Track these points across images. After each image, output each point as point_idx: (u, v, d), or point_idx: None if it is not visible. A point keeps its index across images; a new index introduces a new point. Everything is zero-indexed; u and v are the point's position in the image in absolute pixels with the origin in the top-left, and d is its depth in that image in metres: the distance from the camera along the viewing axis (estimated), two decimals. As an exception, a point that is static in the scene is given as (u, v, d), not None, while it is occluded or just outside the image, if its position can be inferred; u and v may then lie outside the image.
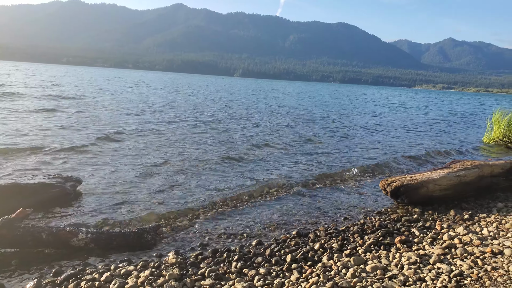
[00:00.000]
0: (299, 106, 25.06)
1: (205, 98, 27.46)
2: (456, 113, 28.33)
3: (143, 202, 5.08)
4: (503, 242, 3.80)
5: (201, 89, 42.21)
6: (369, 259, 3.59)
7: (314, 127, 14.21)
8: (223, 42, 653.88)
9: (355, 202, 5.66)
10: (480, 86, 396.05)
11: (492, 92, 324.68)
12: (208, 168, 7.13)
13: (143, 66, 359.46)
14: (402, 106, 33.08)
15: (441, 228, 4.45)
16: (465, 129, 17.36)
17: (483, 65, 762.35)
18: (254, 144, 9.74)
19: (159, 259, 3.62)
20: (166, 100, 22.68)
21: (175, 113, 16.07)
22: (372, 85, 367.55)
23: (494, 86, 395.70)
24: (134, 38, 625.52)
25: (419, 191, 5.35)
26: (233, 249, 3.86)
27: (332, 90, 77.64)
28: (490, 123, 12.39)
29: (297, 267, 3.43)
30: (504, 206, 5.34)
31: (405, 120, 19.84)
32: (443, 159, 9.13)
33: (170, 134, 10.45)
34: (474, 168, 6.00)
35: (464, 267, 3.28)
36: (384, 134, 13.60)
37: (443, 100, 59.66)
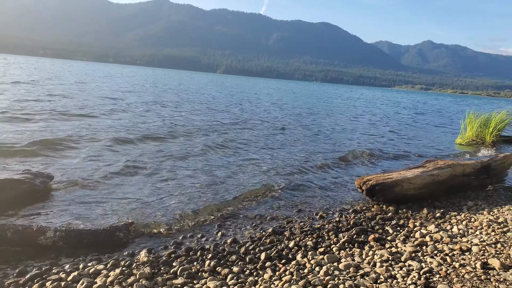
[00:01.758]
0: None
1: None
2: (436, 113, 28.95)
3: (117, 200, 4.98)
4: (472, 240, 3.89)
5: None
6: (342, 257, 3.61)
7: (298, 124, 14.26)
8: (206, 38, 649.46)
9: (332, 200, 5.70)
10: (456, 88, 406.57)
11: (467, 94, 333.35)
12: (185, 165, 7.05)
13: (123, 60, 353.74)
14: (383, 105, 33.58)
15: (414, 226, 4.52)
16: (440, 129, 17.73)
17: (459, 67, 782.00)
18: (227, 141, 9.69)
19: (130, 258, 3.55)
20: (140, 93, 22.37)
21: (155, 108, 15.87)
22: (353, 84, 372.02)
23: (469, 88, 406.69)
24: (115, 32, 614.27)
25: (394, 189, 5.43)
26: (207, 247, 3.82)
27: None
28: (464, 124, 12.69)
29: (271, 265, 3.42)
30: (474, 204, 5.46)
31: (382, 119, 20.14)
32: (418, 158, 9.29)
33: (149, 131, 10.28)
34: (447, 167, 6.12)
35: (433, 264, 3.33)
36: (359, 131, 13.76)
37: (419, 100, 60.88)
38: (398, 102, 45.77)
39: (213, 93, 31.02)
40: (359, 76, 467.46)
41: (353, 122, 17.37)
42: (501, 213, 4.96)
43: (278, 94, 40.29)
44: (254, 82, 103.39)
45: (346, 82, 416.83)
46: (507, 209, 5.13)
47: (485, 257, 3.44)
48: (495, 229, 4.24)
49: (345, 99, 43.10)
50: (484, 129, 12.06)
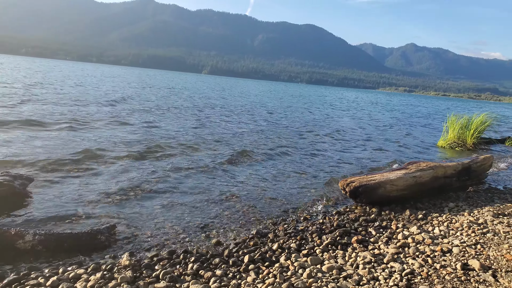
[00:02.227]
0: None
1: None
2: (421, 115, 29.41)
3: (99, 202, 4.89)
4: (452, 241, 3.95)
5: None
6: (326, 259, 3.62)
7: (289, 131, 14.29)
8: (191, 38, 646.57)
9: (316, 202, 5.71)
10: (439, 90, 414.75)
11: (449, 96, 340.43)
12: (171, 167, 6.98)
13: (107, 60, 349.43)
14: (360, 107, 33.94)
15: (397, 227, 4.57)
16: (423, 130, 18.00)
17: (442, 70, 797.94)
18: (215, 141, 9.65)
19: (112, 261, 3.48)
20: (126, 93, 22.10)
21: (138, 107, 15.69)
22: (337, 86, 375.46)
23: (451, 90, 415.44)
24: (99, 31, 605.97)
25: (377, 191, 5.48)
26: (191, 250, 3.79)
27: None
28: (446, 126, 12.92)
29: (254, 268, 3.41)
30: (455, 206, 5.56)
31: (366, 121, 20.36)
32: (401, 160, 9.42)
33: (132, 133, 10.16)
34: (429, 169, 6.21)
35: (415, 266, 3.37)
36: (344, 132, 13.88)
37: (405, 101, 61.82)
38: (381, 104, 46.35)
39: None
40: (344, 78, 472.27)
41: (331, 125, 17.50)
42: (481, 214, 5.06)
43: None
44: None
45: (331, 84, 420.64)
46: (486, 210, 5.23)
47: (465, 258, 3.50)
48: (475, 230, 4.32)
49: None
50: (465, 131, 12.29)
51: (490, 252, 3.61)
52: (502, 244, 3.81)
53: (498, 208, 5.42)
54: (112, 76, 52.55)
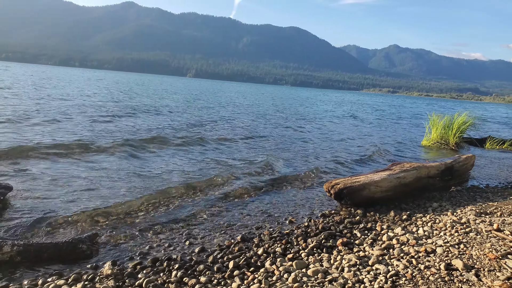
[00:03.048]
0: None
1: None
2: (405, 115, 29.80)
3: (80, 210, 4.77)
4: (436, 241, 3.98)
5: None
6: (311, 262, 3.60)
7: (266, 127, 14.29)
8: (176, 42, 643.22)
9: (301, 205, 5.70)
10: (422, 90, 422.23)
11: (432, 96, 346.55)
12: (147, 171, 6.89)
13: (91, 64, 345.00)
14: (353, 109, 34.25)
15: (381, 229, 4.58)
16: (407, 130, 18.24)
17: (424, 71, 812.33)
18: (195, 137, 9.58)
19: (94, 271, 3.40)
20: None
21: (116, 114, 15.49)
22: (322, 88, 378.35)
23: (434, 91, 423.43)
24: (81, 36, 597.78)
25: (362, 193, 5.50)
26: (175, 257, 3.72)
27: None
28: (429, 126, 13.11)
29: (239, 274, 3.37)
30: (439, 205, 5.61)
31: (351, 122, 20.54)
32: (386, 161, 9.51)
33: (108, 139, 10.01)
34: (412, 170, 6.28)
35: (400, 267, 3.37)
36: (330, 135, 13.95)
37: (389, 101, 62.60)
38: (366, 104, 46.84)
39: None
40: (328, 80, 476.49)
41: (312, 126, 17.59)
42: (464, 214, 5.12)
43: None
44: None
45: (316, 86, 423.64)
46: (469, 210, 5.30)
47: (448, 258, 3.52)
48: (458, 229, 4.36)
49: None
50: (448, 131, 12.49)
51: (473, 252, 3.64)
52: (484, 243, 3.86)
53: (480, 207, 5.50)
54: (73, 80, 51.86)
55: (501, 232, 4.18)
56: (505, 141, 13.79)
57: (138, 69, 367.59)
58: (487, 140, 13.94)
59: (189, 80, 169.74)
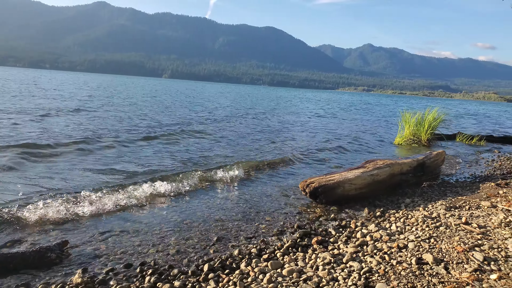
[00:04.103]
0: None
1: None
2: (379, 113, 30.34)
3: (50, 218, 4.63)
4: (408, 236, 4.06)
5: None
6: (286, 262, 3.61)
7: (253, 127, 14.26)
8: (150, 42, 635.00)
9: (277, 204, 5.71)
10: (396, 88, 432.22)
11: (405, 94, 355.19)
12: (127, 176, 6.76)
13: (62, 66, 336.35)
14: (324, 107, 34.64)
15: (355, 226, 4.65)
16: (382, 128, 18.58)
17: (398, 69, 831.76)
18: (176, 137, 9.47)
19: (63, 280, 3.30)
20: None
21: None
22: (299, 87, 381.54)
23: (407, 89, 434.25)
24: (51, 37, 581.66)
25: (336, 191, 5.57)
26: (148, 261, 3.66)
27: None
28: (402, 123, 13.39)
29: (214, 277, 3.34)
30: (411, 201, 5.74)
31: (325, 121, 20.76)
32: (360, 159, 9.65)
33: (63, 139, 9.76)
34: (385, 167, 6.39)
35: (373, 264, 3.42)
36: (305, 134, 14.07)
37: (364, 99, 63.63)
38: (342, 102, 47.49)
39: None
40: (305, 80, 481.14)
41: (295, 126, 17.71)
42: (435, 209, 5.25)
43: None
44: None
45: (293, 86, 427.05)
46: (440, 204, 5.44)
47: (419, 252, 3.60)
48: (429, 224, 4.46)
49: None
50: (420, 128, 12.80)
51: (443, 245, 3.73)
52: (453, 237, 3.96)
53: (450, 202, 5.65)
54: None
55: (469, 225, 4.31)
56: (473, 137, 14.25)
57: (112, 70, 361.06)
58: (457, 136, 14.37)
59: (165, 81, 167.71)
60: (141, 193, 5.67)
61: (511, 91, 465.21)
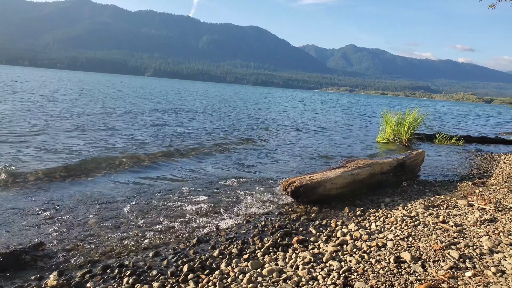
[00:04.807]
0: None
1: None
2: (361, 113, 30.69)
3: (24, 217, 4.52)
4: (387, 235, 4.11)
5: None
6: (266, 262, 3.61)
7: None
8: (133, 40, 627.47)
9: (258, 203, 5.70)
10: (378, 89, 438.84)
11: (387, 94, 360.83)
12: (107, 178, 6.66)
13: (41, 63, 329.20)
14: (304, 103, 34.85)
15: (336, 225, 4.68)
16: (363, 128, 18.80)
17: (380, 70, 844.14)
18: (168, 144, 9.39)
19: (37, 283, 3.21)
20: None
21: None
22: (283, 87, 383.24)
23: (389, 89, 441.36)
24: (30, 33, 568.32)
25: (317, 190, 5.59)
26: (127, 263, 3.60)
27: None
28: (383, 123, 13.58)
29: (194, 277, 3.31)
30: (391, 200, 5.81)
31: (307, 119, 20.88)
32: (341, 158, 9.74)
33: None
34: (366, 166, 6.46)
35: (352, 263, 3.45)
36: (290, 134, 14.12)
37: (347, 99, 64.25)
38: (325, 102, 47.84)
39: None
40: (289, 79, 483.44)
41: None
42: (414, 207, 5.32)
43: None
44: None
45: (277, 85, 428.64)
46: (418, 203, 5.52)
47: (398, 251, 3.64)
48: (408, 223, 4.53)
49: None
50: (400, 128, 13.00)
51: (420, 244, 3.79)
52: (431, 235, 4.03)
53: (429, 200, 5.75)
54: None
55: (446, 223, 4.39)
56: (452, 137, 14.57)
57: (93, 68, 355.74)
58: (436, 136, 14.66)
59: (147, 80, 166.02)
60: (113, 194, 5.58)
61: (489, 92, 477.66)
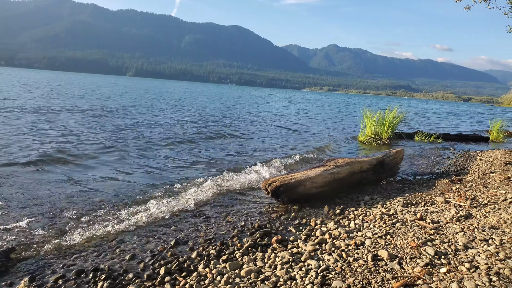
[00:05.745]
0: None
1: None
2: (343, 112, 30.95)
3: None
4: (365, 234, 4.14)
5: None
6: (245, 262, 3.58)
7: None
8: (114, 40, 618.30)
9: (238, 204, 5.67)
10: (360, 88, 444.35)
11: (369, 93, 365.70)
12: (82, 178, 6.51)
13: (19, 63, 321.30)
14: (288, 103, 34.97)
15: (315, 224, 4.68)
16: (344, 126, 18.95)
17: (362, 69, 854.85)
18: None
19: (8, 290, 3.11)
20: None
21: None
22: (266, 87, 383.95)
23: (371, 88, 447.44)
24: (7, 32, 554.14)
25: (298, 189, 5.59)
26: (102, 267, 3.52)
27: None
28: (364, 122, 13.71)
29: (171, 280, 3.26)
30: (370, 199, 5.86)
31: (290, 118, 20.94)
32: (322, 157, 9.79)
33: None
34: (346, 165, 6.50)
35: (330, 261, 3.45)
36: (267, 133, 14.12)
37: (329, 99, 64.76)
38: (310, 101, 48.09)
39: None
40: (272, 79, 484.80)
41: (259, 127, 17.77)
42: (393, 205, 5.38)
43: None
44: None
45: (260, 85, 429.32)
46: (397, 201, 5.58)
47: (376, 249, 3.67)
48: (386, 221, 4.56)
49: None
50: (381, 126, 13.14)
51: (398, 241, 3.83)
52: (408, 232, 4.07)
53: (408, 198, 5.82)
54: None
55: (423, 221, 4.45)
56: (431, 135, 14.82)
57: (73, 68, 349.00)
58: (416, 134, 14.89)
59: (129, 80, 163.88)
60: (93, 198, 5.46)
61: (466, 91, 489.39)
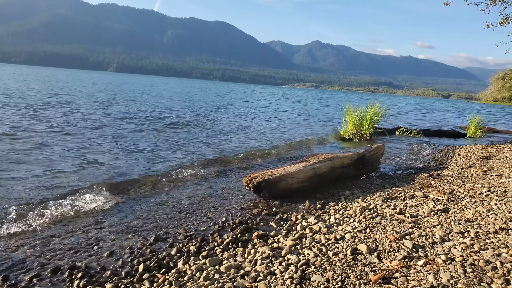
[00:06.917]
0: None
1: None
2: (326, 108, 31.16)
3: (-31, 220, 4.23)
4: (345, 228, 4.17)
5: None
6: (225, 258, 3.56)
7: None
8: (94, 34, 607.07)
9: (220, 199, 5.64)
10: (343, 85, 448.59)
11: (352, 90, 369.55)
12: (54, 170, 6.37)
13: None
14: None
15: (296, 219, 4.69)
16: (326, 122, 19.08)
17: (344, 66, 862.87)
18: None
19: (-21, 290, 3.02)
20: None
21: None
22: (249, 83, 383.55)
23: (354, 85, 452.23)
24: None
25: (279, 184, 5.60)
26: (79, 264, 3.44)
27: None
28: (345, 118, 13.82)
29: (149, 277, 3.21)
30: (351, 193, 5.91)
31: (273, 113, 20.98)
32: (304, 153, 9.84)
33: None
34: (327, 160, 6.54)
35: (310, 256, 3.46)
36: (252, 128, 14.11)
37: (313, 95, 65.05)
38: (290, 97, 48.23)
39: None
40: (256, 75, 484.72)
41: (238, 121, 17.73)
42: (373, 200, 5.44)
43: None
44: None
45: (243, 81, 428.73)
46: (377, 196, 5.65)
47: (355, 243, 3.70)
48: (366, 215, 4.61)
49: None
50: (362, 122, 13.28)
51: (377, 235, 3.87)
52: (387, 226, 4.12)
53: (387, 193, 5.90)
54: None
55: (402, 215, 4.51)
56: (412, 130, 15.08)
57: (52, 63, 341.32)
58: (397, 130, 15.12)
59: (109, 75, 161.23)
60: (73, 191, 5.35)
61: (447, 87, 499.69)
